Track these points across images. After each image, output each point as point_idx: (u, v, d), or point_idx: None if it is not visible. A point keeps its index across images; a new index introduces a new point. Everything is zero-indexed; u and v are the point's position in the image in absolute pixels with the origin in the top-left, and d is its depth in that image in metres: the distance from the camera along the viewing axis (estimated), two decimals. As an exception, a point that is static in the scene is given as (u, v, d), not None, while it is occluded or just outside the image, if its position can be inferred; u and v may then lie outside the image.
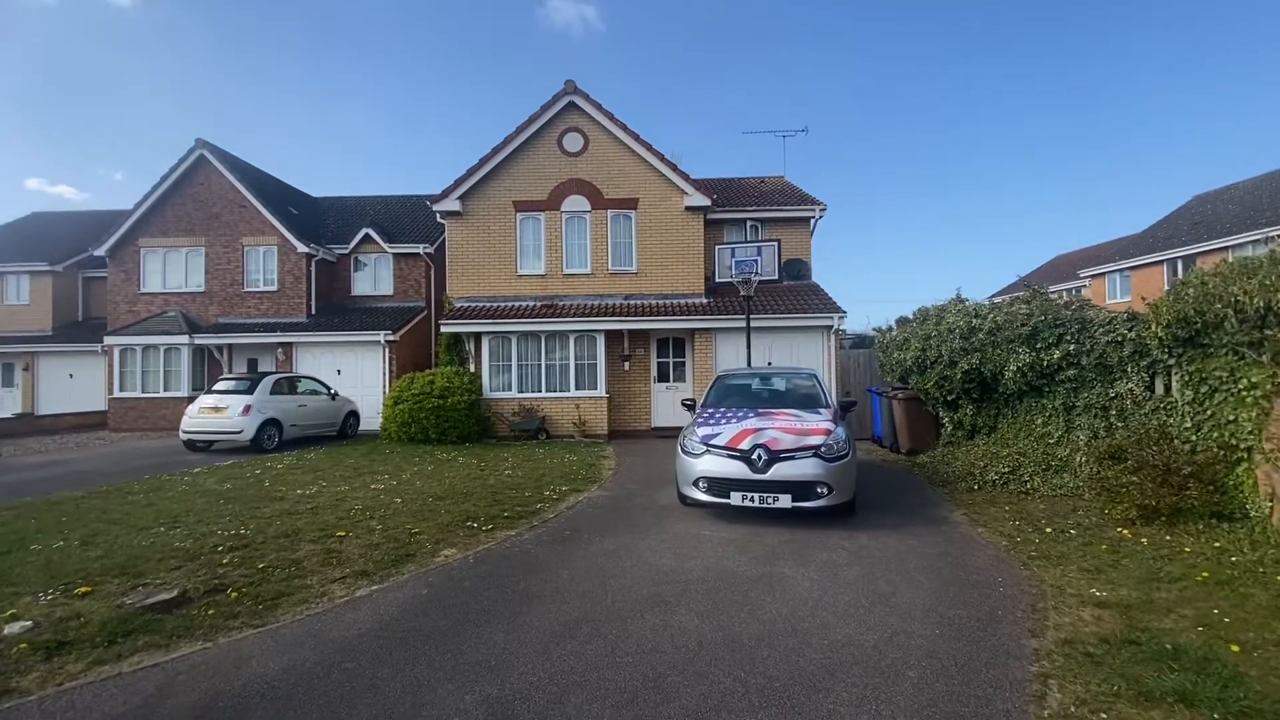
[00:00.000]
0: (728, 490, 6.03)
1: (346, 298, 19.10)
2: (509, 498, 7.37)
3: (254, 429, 12.17)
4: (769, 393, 7.78)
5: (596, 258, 14.18)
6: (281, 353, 17.12)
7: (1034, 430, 8.19)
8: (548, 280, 14.20)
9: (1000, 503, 6.97)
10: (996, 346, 8.46)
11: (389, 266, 19.14)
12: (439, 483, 8.32)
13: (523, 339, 13.58)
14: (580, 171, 14.25)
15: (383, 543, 5.55)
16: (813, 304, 13.69)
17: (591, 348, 13.60)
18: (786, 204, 15.54)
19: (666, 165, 13.98)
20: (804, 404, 7.27)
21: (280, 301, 17.90)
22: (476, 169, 14.05)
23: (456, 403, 12.25)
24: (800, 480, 5.90)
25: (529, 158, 14.28)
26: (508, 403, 13.34)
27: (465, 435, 12.48)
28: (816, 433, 6.22)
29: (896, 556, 5.15)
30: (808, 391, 7.58)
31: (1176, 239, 23.32)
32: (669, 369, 14.46)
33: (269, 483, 8.54)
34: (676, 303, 14.02)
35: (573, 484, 8.27)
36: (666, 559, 5.10)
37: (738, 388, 7.94)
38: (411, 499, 7.32)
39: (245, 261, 18.05)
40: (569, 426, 13.30)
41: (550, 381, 13.57)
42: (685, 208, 14.10)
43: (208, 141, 18.10)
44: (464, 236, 14.25)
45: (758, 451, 6.01)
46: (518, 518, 6.48)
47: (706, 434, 6.41)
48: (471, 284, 14.22)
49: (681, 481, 6.47)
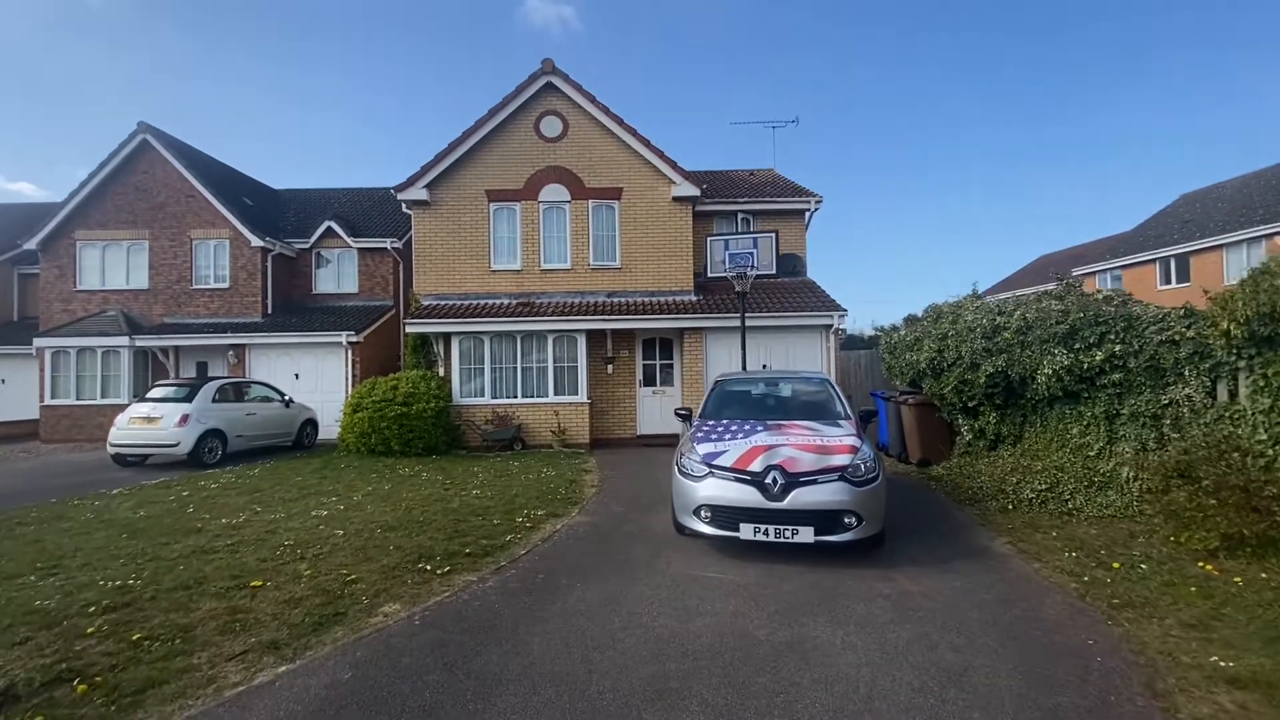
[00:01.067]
0: (736, 521, 5.00)
1: (307, 296, 17.75)
2: (474, 526, 6.25)
3: (192, 441, 10.85)
4: (777, 401, 6.76)
5: (577, 251, 13.09)
6: (233, 355, 15.72)
7: (1068, 441, 7.30)
8: (524, 276, 13.07)
9: (1043, 526, 6.05)
10: (1026, 347, 7.56)
11: (353, 262, 17.83)
12: (394, 507, 7.16)
13: (496, 340, 12.43)
14: (559, 158, 13.15)
15: (308, 596, 4.41)
16: (810, 302, 12.76)
17: (572, 349, 12.50)
18: (779, 195, 14.61)
19: (653, 152, 12.95)
20: (819, 414, 6.27)
21: (232, 300, 16.49)
22: (445, 154, 12.88)
23: (422, 410, 11.06)
24: (824, 509, 4.89)
25: (503, 143, 13.14)
26: (480, 410, 12.18)
27: (432, 446, 11.29)
28: (840, 450, 5.22)
29: (950, 606, 4.16)
30: (822, 399, 6.59)
31: (1167, 237, 22.97)
32: (656, 372, 13.42)
33: (193, 508, 7.31)
34: (664, 300, 12.99)
35: (550, 506, 7.18)
36: (666, 617, 4.04)
37: (740, 395, 6.92)
38: (357, 530, 6.16)
39: (194, 256, 16.61)
40: (547, 435, 12.18)
41: (527, 386, 12.44)
42: (673, 198, 13.07)
43: (152, 125, 16.63)
44: (432, 228, 13.05)
45: (772, 474, 4.99)
46: (482, 555, 5.37)
47: (709, 452, 5.38)
48: (440, 280, 13.03)
49: (679, 508, 5.43)
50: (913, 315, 10.54)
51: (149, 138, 16.56)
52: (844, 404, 6.43)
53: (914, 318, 10.45)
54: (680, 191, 12.97)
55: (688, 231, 13.21)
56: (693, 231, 13.33)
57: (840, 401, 6.48)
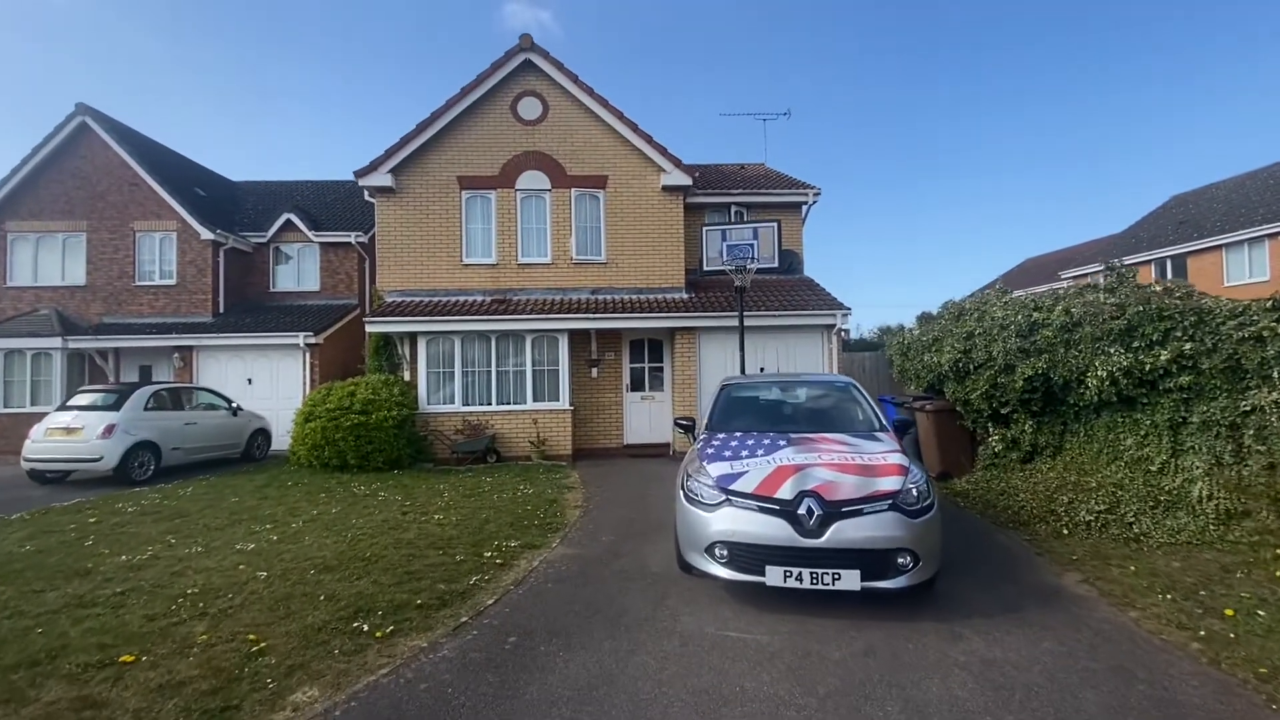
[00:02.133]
0: (761, 563, 3.95)
1: (264, 294, 16.36)
2: (431, 565, 5.11)
3: (118, 455, 9.51)
4: (796, 409, 5.72)
5: (558, 244, 12.00)
6: (179, 359, 14.31)
7: (1121, 453, 6.39)
8: (499, 271, 11.94)
9: (1113, 556, 5.10)
10: (1072, 346, 6.65)
11: (315, 258, 16.50)
12: (338, 538, 5.98)
13: (469, 340, 11.27)
14: (538, 143, 12.06)
15: (194, 677, 3.25)
16: (810, 300, 11.81)
17: (552, 351, 11.39)
18: (775, 187, 13.67)
19: (641, 137, 11.92)
20: (849, 425, 5.26)
21: (180, 298, 15.07)
22: (413, 136, 11.70)
23: (383, 419, 9.85)
24: (874, 548, 3.86)
25: (477, 125, 12.01)
26: (450, 418, 11.00)
27: (394, 460, 10.08)
28: (887, 471, 4.21)
29: (1053, 682, 3.15)
30: (850, 407, 5.56)
31: (1162, 238, 22.58)
32: (644, 376, 12.36)
33: (94, 540, 6.05)
34: (653, 298, 11.94)
35: (526, 534, 6.05)
36: (683, 708, 2.97)
37: (753, 402, 5.87)
38: (285, 571, 4.98)
39: (137, 250, 15.16)
40: (525, 446, 11.03)
41: (502, 392, 11.29)
42: (662, 187, 12.05)
43: (91, 107, 15.17)
44: (397, 217, 11.86)
45: (807, 503, 3.95)
46: (438, 606, 4.24)
47: (724, 474, 4.32)
48: (406, 274, 11.84)
49: (686, 543, 4.36)
50: (927, 313, 9.64)
51: (88, 120, 15.10)
52: (877, 412, 5.42)
53: (929, 316, 9.54)
54: (671, 180, 11.96)
55: (679, 223, 12.19)
56: (684, 224, 12.31)
57: (872, 409, 5.47)
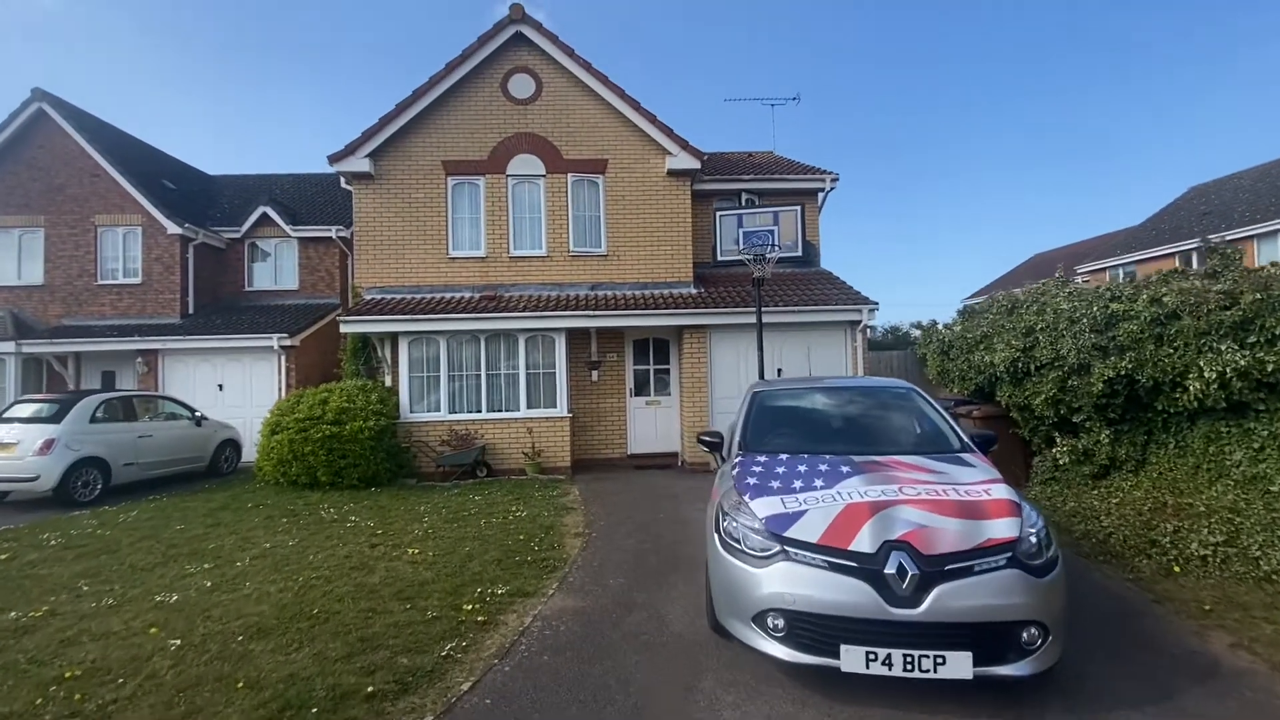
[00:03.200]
0: (834, 640, 2.89)
1: (239, 293, 15.26)
2: (396, 625, 4.03)
3: (57, 474, 8.40)
4: (851, 422, 4.61)
5: (554, 235, 10.92)
6: (142, 364, 13.18)
7: (1227, 469, 5.36)
8: (489, 265, 10.86)
9: (1254, 605, 4.07)
10: (1165, 342, 5.61)
11: (293, 255, 15.40)
12: (286, 584, 4.89)
13: (456, 341, 10.19)
14: (531, 124, 10.98)
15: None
16: (831, 294, 10.75)
17: (548, 353, 10.32)
18: (789, 173, 12.61)
19: (643, 116, 10.86)
20: (922, 443, 4.21)
21: (145, 297, 13.95)
22: (393, 117, 10.62)
23: (358, 430, 8.75)
24: (992, 620, 2.81)
25: (464, 105, 10.93)
26: (435, 428, 9.91)
27: (371, 476, 8.98)
28: (996, 510, 3.16)
29: None
30: (916, 419, 4.50)
31: (1185, 230, 21.65)
32: (649, 379, 11.30)
33: (-15, 588, 4.96)
34: (658, 293, 10.88)
35: (516, 576, 4.97)
36: None
37: (794, 413, 4.81)
38: (206, 637, 3.90)
39: (99, 246, 14.03)
40: (518, 458, 9.95)
41: (493, 398, 10.20)
42: (668, 171, 10.99)
43: (49, 93, 14.05)
44: (376, 207, 10.77)
45: (896, 559, 2.89)
46: (395, 694, 3.17)
47: (774, 514, 3.25)
48: (386, 269, 10.75)
49: (726, 607, 3.30)
50: (969, 306, 8.58)
51: (46, 107, 13.97)
52: (954, 425, 4.36)
53: (971, 310, 8.50)
54: (677, 164, 10.89)
55: (686, 211, 11.13)
56: (691, 213, 11.26)
57: (947, 421, 4.41)
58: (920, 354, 9.90)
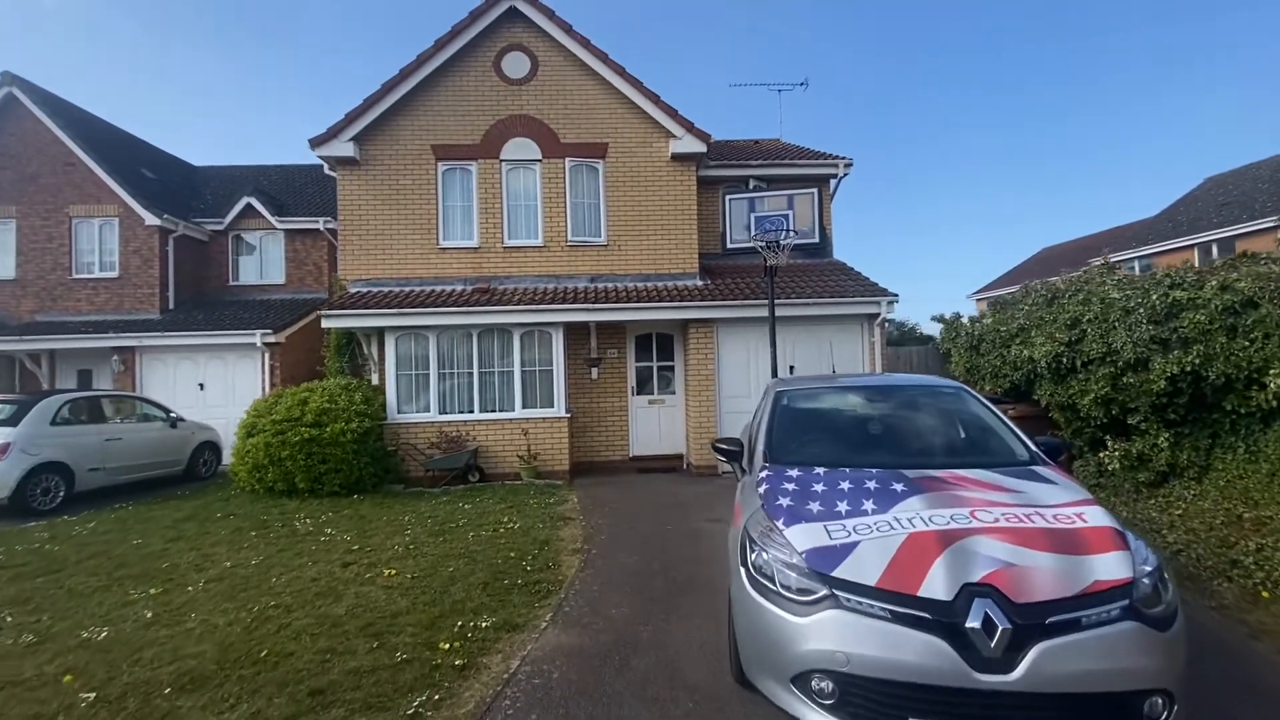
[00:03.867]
0: (900, 712, 2.25)
1: (223, 288, 14.60)
2: (357, 671, 3.38)
3: (13, 481, 7.77)
4: (894, 427, 3.91)
5: (551, 224, 10.26)
6: (119, 362, 12.53)
7: (1311, 478, 4.71)
8: (482, 255, 10.20)
9: (1375, 646, 3.42)
10: (1239, 334, 4.96)
11: (280, 247, 14.74)
12: (238, 614, 4.25)
13: (446, 337, 9.54)
14: (527, 105, 10.31)
15: None
16: (848, 286, 10.09)
17: (545, 349, 9.67)
18: (799, 158, 11.93)
19: (646, 97, 10.19)
20: (985, 453, 3.55)
21: (123, 292, 13.29)
22: (378, 98, 9.94)
23: (339, 433, 8.11)
24: (1108, 691, 2.17)
25: (454, 85, 10.26)
26: (424, 430, 9.27)
27: (355, 482, 8.33)
28: (1099, 542, 2.51)
29: None
30: (972, 424, 3.83)
31: (1205, 221, 20.99)
32: (653, 376, 10.66)
33: (-103, 619, 4.32)
34: (662, 285, 10.22)
35: (503, 604, 4.33)
36: None
37: (827, 417, 4.15)
38: (129, 688, 3.26)
39: (74, 238, 13.36)
40: (513, 461, 9.32)
41: (486, 398, 9.56)
42: (672, 156, 10.32)
43: (20, 77, 13.37)
44: (361, 193, 10.11)
45: (980, 608, 2.24)
46: (344, 776, 2.53)
47: (817, 546, 2.61)
48: (373, 260, 10.09)
49: (756, 661, 2.67)
50: (1000, 299, 7.93)
51: (17, 92, 13.30)
52: (1017, 431, 3.71)
53: (1003, 301, 7.84)
54: (681, 147, 10.22)
55: (691, 198, 10.46)
56: (697, 200, 10.59)
57: (1008, 426, 3.75)
58: (943, 349, 9.25)
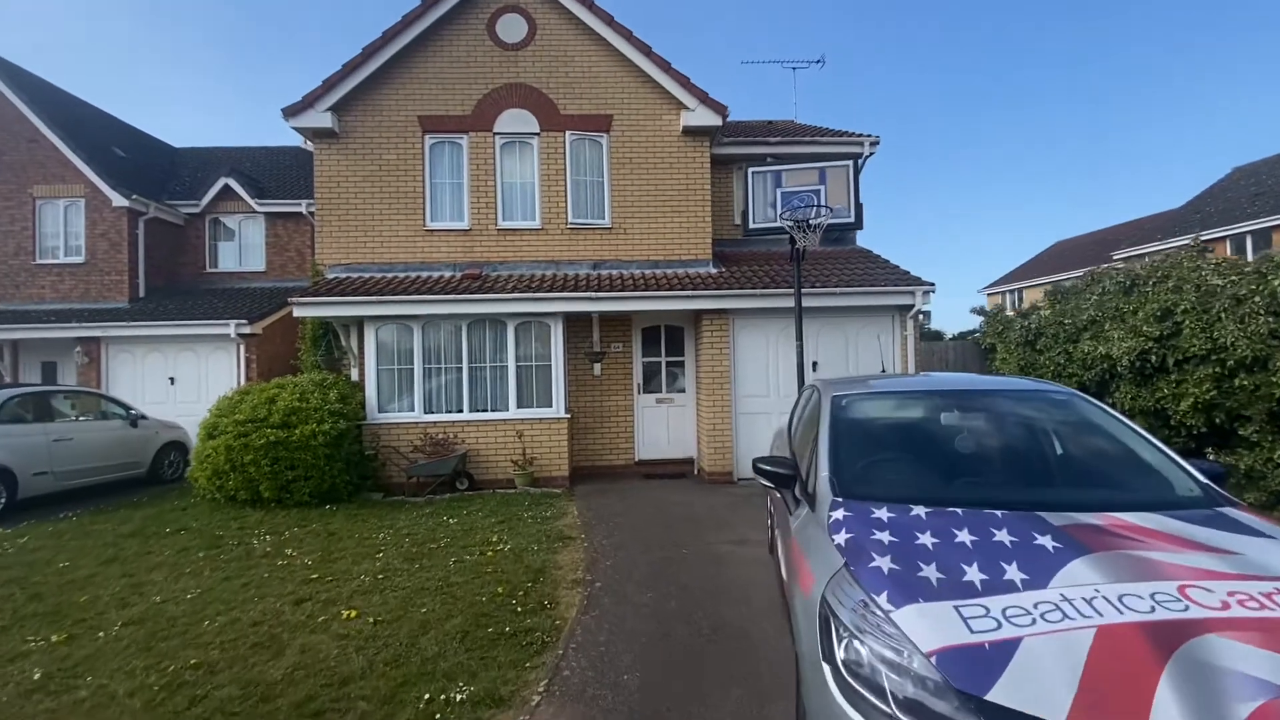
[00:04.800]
0: None
1: (200, 275, 13.67)
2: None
3: (-60, 488, 6.87)
4: (998, 449, 2.93)
5: (549, 204, 9.31)
6: (82, 354, 11.61)
7: None
8: (474, 238, 9.26)
9: None
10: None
11: (260, 232, 13.80)
12: (147, 675, 3.33)
13: (433, 328, 8.62)
14: (523, 73, 9.34)
15: None
16: (876, 274, 9.16)
17: (543, 342, 8.74)
18: (820, 136, 10.97)
19: (655, 64, 9.22)
20: (1136, 486, 2.63)
21: (90, 278, 12.37)
22: (359, 63, 8.98)
23: (309, 435, 7.19)
24: None
25: (443, 50, 9.29)
26: (407, 431, 8.35)
27: (328, 490, 7.42)
28: None
29: None
30: (1104, 442, 2.89)
31: (1238, 212, 20.02)
32: (661, 373, 9.73)
33: None
34: (671, 273, 9.29)
35: (486, 666, 3.41)
36: None
37: (903, 430, 3.21)
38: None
39: (37, 221, 12.43)
40: (506, 467, 8.41)
41: (477, 396, 8.64)
42: (684, 130, 9.36)
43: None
44: (340, 169, 9.15)
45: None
46: None
47: (951, 646, 1.66)
48: (353, 243, 9.15)
49: None
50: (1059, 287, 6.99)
51: (-25, 63, 12.34)
52: (1168, 451, 2.78)
53: (1063, 290, 6.90)
54: (694, 120, 9.26)
55: (704, 176, 9.51)
56: (710, 179, 9.64)
57: (1153, 444, 2.82)
58: (984, 344, 8.32)
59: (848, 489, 2.65)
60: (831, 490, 2.66)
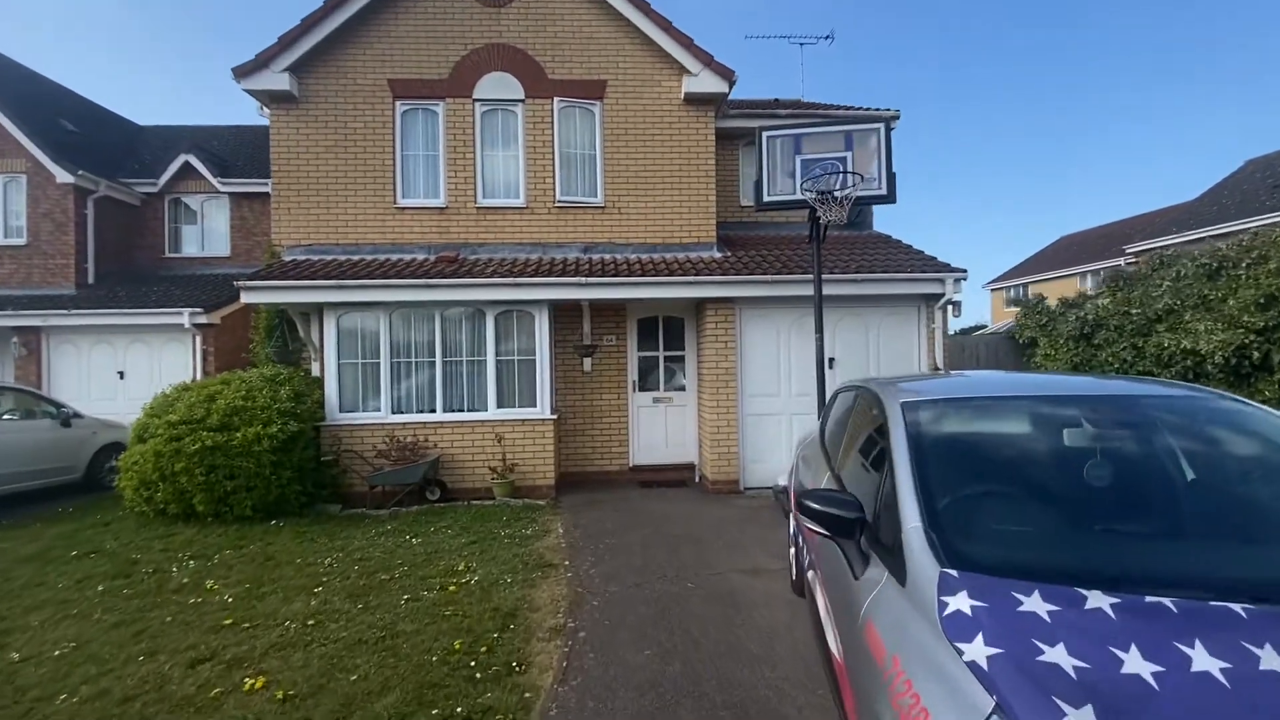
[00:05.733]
0: None
1: (158, 260, 12.61)
2: None
3: None
4: (1151, 478, 2.07)
5: (535, 180, 8.33)
6: (20, 345, 10.56)
7: None
8: (450, 217, 8.27)
9: None
10: None
11: (225, 214, 12.74)
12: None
13: (402, 318, 7.64)
14: (507, 32, 8.34)
15: None
16: (900, 260, 8.24)
17: (526, 333, 7.78)
18: (834, 110, 10.00)
19: (654, 23, 8.24)
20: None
21: (32, 262, 11.31)
22: (321, 17, 7.95)
23: (254, 439, 6.20)
24: None
25: (417, 6, 8.28)
26: (372, 433, 7.38)
27: (274, 502, 6.44)
28: None
29: None
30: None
31: (1257, 204, 19.25)
32: (659, 369, 8.79)
33: None
34: (671, 257, 8.34)
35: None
36: None
37: (1018, 461, 2.28)
38: None
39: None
40: (483, 474, 7.45)
41: (452, 394, 7.67)
42: (686, 98, 8.39)
43: (-91, 6, 11.22)
44: (300, 138, 8.14)
45: None
46: None
47: None
48: (314, 221, 8.15)
49: None
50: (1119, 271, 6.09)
51: (-94, 24, 11.18)
52: None
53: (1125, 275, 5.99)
54: (698, 86, 8.29)
55: (708, 149, 8.56)
56: (715, 155, 8.68)
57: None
58: (1022, 338, 7.41)
59: (958, 552, 1.71)
60: (933, 553, 1.72)
